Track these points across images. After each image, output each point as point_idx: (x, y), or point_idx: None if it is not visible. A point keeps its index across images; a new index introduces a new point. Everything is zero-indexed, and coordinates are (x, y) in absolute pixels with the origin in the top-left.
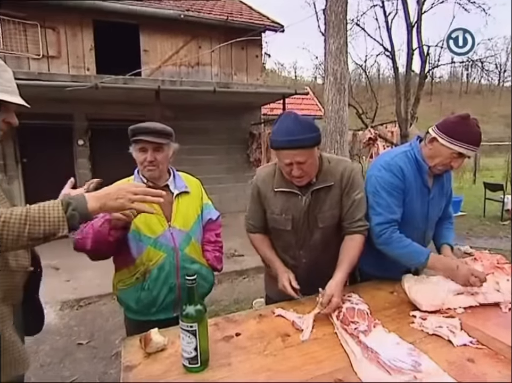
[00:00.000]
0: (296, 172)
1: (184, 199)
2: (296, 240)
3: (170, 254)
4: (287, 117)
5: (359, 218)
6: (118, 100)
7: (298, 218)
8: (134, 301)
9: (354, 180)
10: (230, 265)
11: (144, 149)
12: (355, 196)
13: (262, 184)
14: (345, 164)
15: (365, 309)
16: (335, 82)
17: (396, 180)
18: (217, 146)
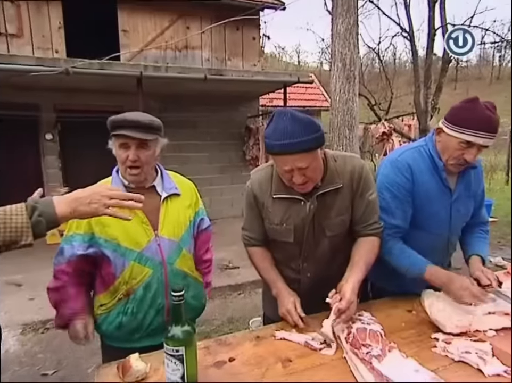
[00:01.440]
0: (298, 178)
1: (174, 203)
2: (300, 252)
3: (157, 269)
4: (282, 116)
5: (374, 220)
6: (93, 89)
7: (301, 228)
8: (115, 327)
9: (366, 179)
10: (223, 279)
11: (126, 145)
12: (369, 196)
13: (258, 190)
14: (353, 162)
15: (379, 330)
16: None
17: (402, 179)
18: (208, 142)
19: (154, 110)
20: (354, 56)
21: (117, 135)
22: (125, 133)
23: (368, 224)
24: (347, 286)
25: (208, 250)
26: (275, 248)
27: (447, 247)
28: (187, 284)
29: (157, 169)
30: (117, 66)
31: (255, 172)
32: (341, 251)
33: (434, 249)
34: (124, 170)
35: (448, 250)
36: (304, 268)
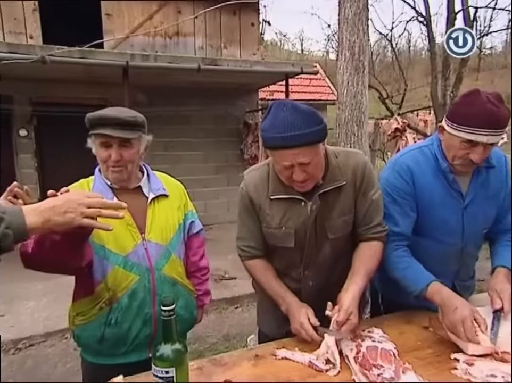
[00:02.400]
0: (299, 175)
1: (161, 205)
2: (301, 259)
3: (144, 276)
4: (281, 107)
5: (378, 222)
6: (73, 79)
7: (302, 231)
8: (97, 340)
9: (370, 177)
10: (218, 291)
11: (107, 144)
12: (373, 195)
13: (254, 192)
14: (356, 158)
15: (392, 349)
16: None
17: (402, 182)
18: (202, 139)
19: (142, 104)
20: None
21: (97, 134)
22: (106, 132)
23: (371, 226)
24: (346, 297)
25: (204, 256)
26: (274, 255)
27: (462, 257)
28: (177, 292)
29: (142, 169)
30: (100, 54)
31: (249, 172)
32: (343, 257)
33: (445, 259)
34: (106, 169)
35: (464, 261)
36: (306, 276)
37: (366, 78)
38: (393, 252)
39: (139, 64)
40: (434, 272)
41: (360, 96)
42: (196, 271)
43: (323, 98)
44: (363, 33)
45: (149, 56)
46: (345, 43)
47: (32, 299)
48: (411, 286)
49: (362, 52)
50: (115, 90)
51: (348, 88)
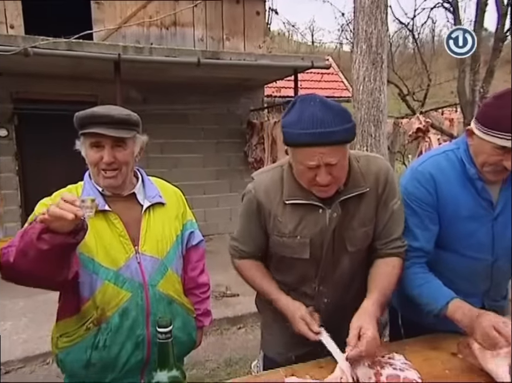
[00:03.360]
0: (324, 178)
1: (158, 214)
2: (316, 272)
3: (136, 293)
4: (309, 102)
5: (397, 236)
6: (59, 74)
7: (319, 241)
8: (82, 365)
9: (392, 184)
10: (219, 310)
11: (99, 144)
12: (394, 205)
13: (264, 196)
14: (378, 163)
15: (416, 378)
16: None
17: (422, 192)
18: (202, 141)
19: (135, 102)
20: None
21: (87, 134)
22: (97, 130)
23: (390, 240)
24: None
25: (204, 271)
26: (284, 268)
27: (492, 274)
28: (173, 311)
29: (137, 174)
30: (89, 46)
31: (259, 174)
32: (360, 272)
33: (473, 276)
34: (97, 173)
35: (495, 278)
36: (321, 292)
37: (384, 73)
38: (409, 268)
39: (132, 58)
40: (460, 291)
41: (377, 92)
42: (195, 287)
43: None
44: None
45: (144, 48)
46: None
47: (10, 318)
48: (429, 304)
49: (380, 44)
50: (106, 86)
51: (364, 84)
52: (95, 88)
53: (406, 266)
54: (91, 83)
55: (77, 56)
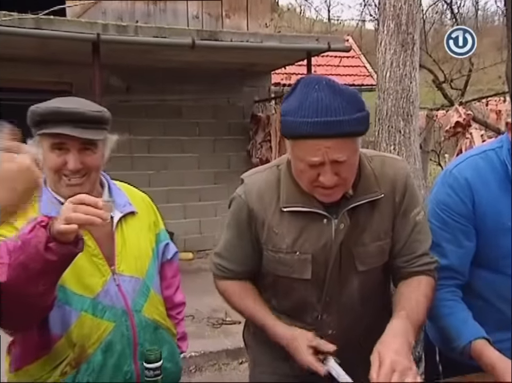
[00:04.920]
0: (329, 178)
1: (131, 225)
2: (320, 297)
3: (120, 322)
4: (313, 85)
5: (423, 252)
6: (25, 57)
7: (322, 258)
8: None
9: (413, 191)
10: (217, 340)
11: (62, 147)
12: (416, 216)
13: (257, 203)
14: (395, 165)
15: None
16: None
17: (456, 201)
18: (197, 138)
19: (117, 91)
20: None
21: (48, 135)
22: (65, 131)
23: (414, 257)
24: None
25: (179, 288)
26: (279, 291)
27: None
28: (160, 339)
29: (102, 180)
30: (61, 24)
31: (251, 175)
32: (374, 298)
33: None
34: (58, 180)
35: None
36: (324, 322)
37: (416, 56)
38: (445, 294)
39: (113, 38)
40: (503, 320)
41: (408, 80)
42: (172, 308)
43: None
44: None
45: (128, 27)
46: (388, 9)
47: None
48: (453, 340)
49: (411, 21)
50: (82, 72)
51: (392, 69)
52: (68, 74)
53: (440, 291)
54: (64, 68)
55: (47, 35)
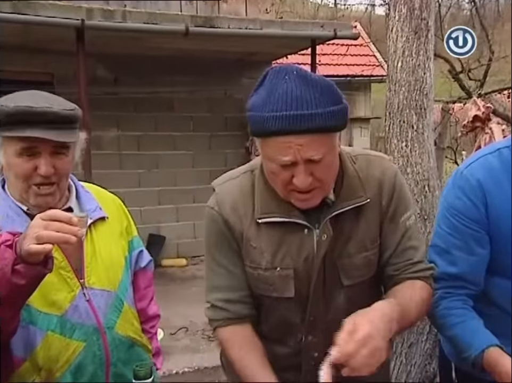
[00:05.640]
0: (303, 180)
1: (101, 233)
2: (303, 316)
3: (91, 341)
4: (283, 75)
5: (417, 259)
6: (5, 45)
7: (304, 273)
8: None
9: (402, 193)
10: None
11: (32, 151)
12: (406, 221)
13: (232, 214)
14: (382, 165)
15: None
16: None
17: (466, 204)
18: (191, 133)
19: (104, 82)
20: None
21: (14, 138)
22: (35, 134)
23: (408, 264)
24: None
25: (153, 301)
26: (260, 311)
27: None
28: (134, 357)
29: (68, 182)
30: (42, 8)
31: (223, 182)
32: None
33: None
34: (26, 189)
35: None
36: (309, 343)
37: (431, 44)
38: (441, 301)
39: (99, 24)
40: None
41: (421, 70)
42: (145, 321)
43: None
44: None
45: (115, 12)
46: None
47: None
48: (464, 350)
49: (425, 5)
50: (65, 62)
51: (404, 58)
52: (50, 63)
53: (439, 298)
54: (45, 57)
55: (26, 21)
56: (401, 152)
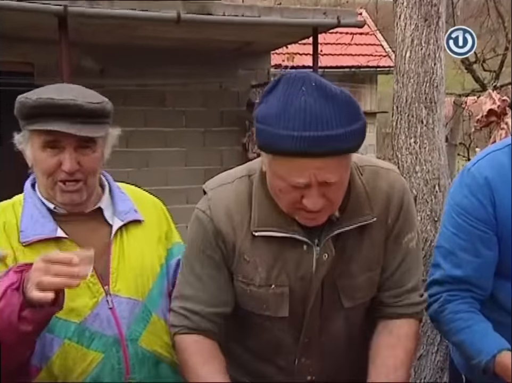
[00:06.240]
0: (315, 202)
1: (133, 237)
2: (298, 337)
3: (110, 353)
4: (299, 85)
5: (412, 287)
6: None
7: (301, 292)
8: None
9: (408, 212)
10: None
11: (56, 145)
12: (409, 242)
13: (225, 222)
14: (390, 178)
15: None
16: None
17: (473, 203)
18: (184, 129)
19: (90, 74)
20: None
21: (39, 131)
22: (59, 128)
23: (401, 293)
24: None
25: None
26: (250, 330)
27: None
28: (161, 376)
29: (103, 181)
30: None
31: (217, 187)
32: (360, 339)
33: None
34: (52, 185)
35: None
36: (303, 366)
37: (442, 32)
38: (447, 304)
39: (84, 11)
40: None
41: (431, 60)
42: None
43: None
44: None
45: None
46: None
47: None
48: (474, 356)
49: None
50: (46, 51)
51: (413, 48)
52: (30, 52)
53: (444, 301)
54: (25, 46)
55: (2, 6)
56: (409, 149)
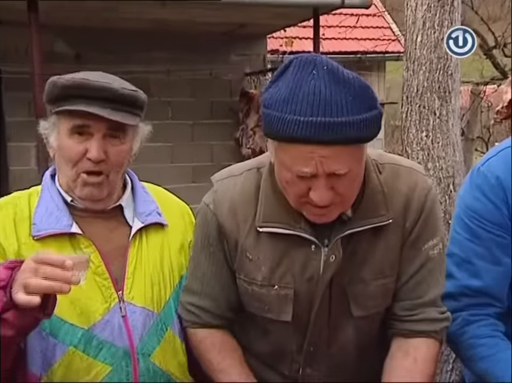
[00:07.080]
0: (323, 195)
1: (154, 241)
2: (302, 344)
3: (119, 366)
4: (310, 69)
5: (431, 300)
6: None
7: (307, 295)
8: None
9: (431, 216)
10: None
11: (84, 131)
12: (431, 250)
13: (229, 216)
14: (413, 178)
15: None
16: None
17: (486, 205)
18: (169, 122)
19: (64, 59)
20: None
21: (68, 114)
22: (90, 109)
23: (418, 305)
24: None
25: None
26: (251, 330)
27: None
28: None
29: (126, 180)
30: None
31: (224, 178)
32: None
33: None
34: (75, 176)
35: None
36: (307, 376)
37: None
38: (467, 327)
39: None
40: None
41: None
42: None
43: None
44: None
45: None
46: None
47: None
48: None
49: None
50: (15, 34)
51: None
52: None
53: (463, 322)
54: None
55: None
56: (420, 144)
